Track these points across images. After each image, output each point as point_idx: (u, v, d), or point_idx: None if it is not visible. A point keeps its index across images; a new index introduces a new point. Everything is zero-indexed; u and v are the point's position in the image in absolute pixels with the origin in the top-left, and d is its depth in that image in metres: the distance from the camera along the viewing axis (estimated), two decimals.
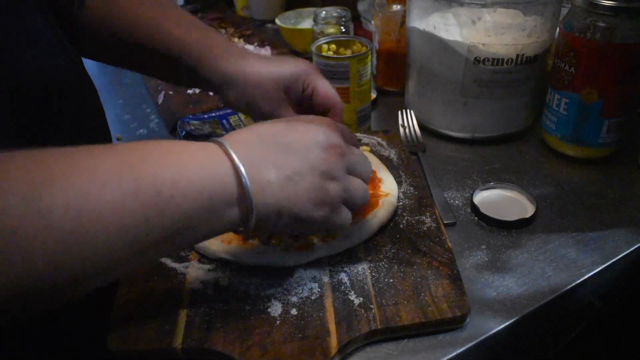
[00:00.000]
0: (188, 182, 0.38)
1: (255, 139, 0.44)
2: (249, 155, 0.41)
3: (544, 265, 0.56)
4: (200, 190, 0.38)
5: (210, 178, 0.39)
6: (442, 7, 0.72)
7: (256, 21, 1.38)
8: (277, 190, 0.42)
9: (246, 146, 0.42)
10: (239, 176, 0.40)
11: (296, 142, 0.44)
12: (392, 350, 0.47)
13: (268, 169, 0.42)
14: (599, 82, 0.65)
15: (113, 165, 0.35)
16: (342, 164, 0.46)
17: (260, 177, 0.41)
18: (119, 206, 0.34)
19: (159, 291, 0.52)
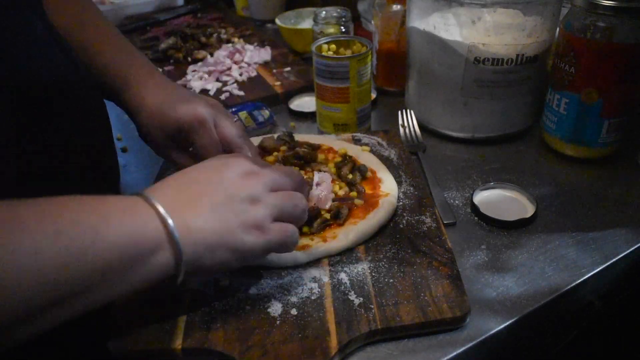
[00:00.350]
0: (108, 229, 0.38)
1: (173, 184, 0.45)
2: (170, 199, 0.42)
3: (544, 265, 0.56)
4: (122, 236, 0.38)
5: (132, 224, 0.39)
6: (442, 7, 0.72)
7: (256, 21, 1.38)
8: (202, 226, 0.42)
9: (165, 192, 0.43)
10: (162, 220, 0.40)
11: (212, 177, 0.46)
12: (392, 350, 0.47)
13: (190, 207, 0.43)
14: (599, 82, 0.65)
15: (35, 212, 0.36)
16: (261, 185, 0.47)
17: (183, 216, 0.42)
18: (37, 251, 0.34)
19: (159, 291, 0.52)
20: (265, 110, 0.87)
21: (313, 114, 0.86)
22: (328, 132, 0.81)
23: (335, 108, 0.78)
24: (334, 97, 0.76)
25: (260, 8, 1.36)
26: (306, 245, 0.55)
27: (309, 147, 0.71)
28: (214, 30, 1.26)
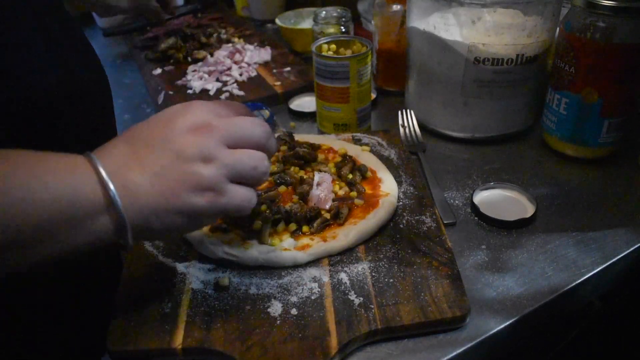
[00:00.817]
0: (44, 187, 0.36)
1: (121, 143, 0.42)
2: (115, 160, 0.40)
3: (544, 265, 0.56)
4: (57, 197, 0.37)
5: (69, 186, 0.37)
6: (442, 7, 0.72)
7: (256, 21, 1.38)
8: (148, 190, 0.40)
9: (112, 152, 0.41)
10: (103, 184, 0.38)
11: (162, 133, 0.42)
12: (392, 350, 0.47)
13: (136, 169, 0.40)
14: (599, 82, 0.65)
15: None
16: (214, 141, 0.42)
17: (127, 179, 0.39)
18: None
19: (159, 291, 0.52)
20: (265, 110, 0.87)
21: (313, 114, 0.86)
22: (328, 132, 0.81)
23: (335, 108, 0.78)
24: (334, 97, 0.76)
25: (260, 8, 1.36)
26: (306, 245, 0.56)
27: (309, 147, 0.71)
28: (214, 30, 1.26)
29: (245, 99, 0.94)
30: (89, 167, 0.39)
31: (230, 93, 0.96)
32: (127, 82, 1.11)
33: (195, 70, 1.06)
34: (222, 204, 0.42)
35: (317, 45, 0.77)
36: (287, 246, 0.56)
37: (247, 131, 0.44)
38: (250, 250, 0.55)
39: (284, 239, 0.57)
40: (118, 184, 0.38)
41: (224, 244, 0.56)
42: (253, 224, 0.58)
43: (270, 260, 0.54)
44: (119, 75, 1.14)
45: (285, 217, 0.59)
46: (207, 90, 0.97)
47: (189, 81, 1.01)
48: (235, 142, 0.43)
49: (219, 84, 0.99)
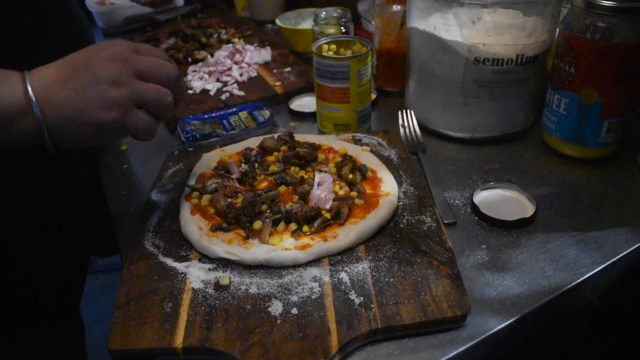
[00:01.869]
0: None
1: (52, 65, 0.50)
2: (42, 77, 0.48)
3: (544, 265, 0.56)
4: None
5: (2, 90, 0.46)
6: (442, 8, 0.72)
7: (256, 21, 1.38)
8: (64, 102, 0.48)
9: (42, 70, 0.49)
10: (25, 91, 0.46)
11: (83, 61, 0.50)
12: (393, 350, 0.47)
13: (59, 85, 0.48)
14: (599, 82, 0.65)
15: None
16: (127, 70, 0.50)
17: (48, 92, 0.47)
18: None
19: (159, 291, 0.52)
20: (265, 110, 0.87)
21: (313, 114, 0.86)
22: (328, 132, 0.81)
23: (335, 108, 0.78)
24: (334, 97, 0.77)
25: (261, 8, 1.37)
26: (307, 244, 0.56)
27: (310, 147, 0.71)
28: (214, 30, 1.27)
29: (246, 99, 0.94)
30: (20, 79, 0.47)
31: (230, 93, 0.96)
32: None
33: (196, 70, 1.06)
34: (124, 123, 0.50)
35: (317, 46, 0.77)
36: (287, 246, 0.56)
37: (158, 69, 0.53)
38: (250, 250, 0.55)
39: (284, 238, 0.57)
40: (40, 95, 0.47)
41: (225, 244, 0.56)
42: (253, 224, 0.58)
43: (270, 259, 0.54)
44: None
45: (286, 216, 0.59)
46: (207, 90, 0.97)
47: (189, 81, 1.01)
48: (146, 75, 0.52)
49: (219, 84, 0.99)
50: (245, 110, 0.87)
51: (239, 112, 0.87)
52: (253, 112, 0.87)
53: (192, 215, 0.61)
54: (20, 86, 0.47)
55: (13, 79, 0.47)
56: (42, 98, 0.47)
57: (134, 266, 0.55)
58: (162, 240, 0.59)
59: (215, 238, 0.57)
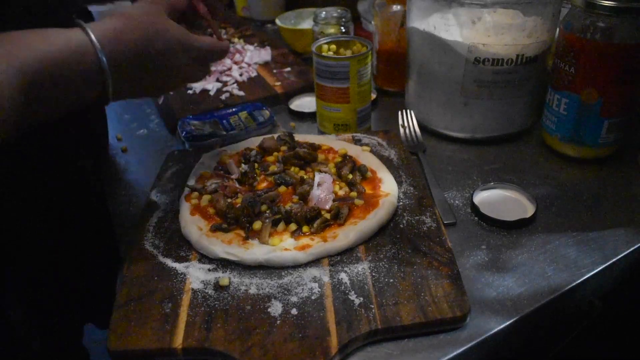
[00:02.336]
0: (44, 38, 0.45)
1: (113, 26, 0.51)
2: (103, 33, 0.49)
3: (544, 265, 0.56)
4: (56, 44, 0.46)
5: (65, 37, 0.47)
6: (442, 8, 0.72)
7: (256, 21, 1.38)
8: (129, 80, 0.52)
9: (102, 26, 0.50)
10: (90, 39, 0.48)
11: (148, 38, 0.52)
12: (393, 350, 0.47)
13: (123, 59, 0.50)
14: (599, 82, 0.65)
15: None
16: (188, 59, 0.56)
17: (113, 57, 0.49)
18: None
19: (159, 291, 0.52)
20: (265, 110, 0.87)
21: (313, 114, 0.86)
22: (328, 132, 0.81)
23: (335, 108, 0.78)
24: (334, 97, 0.76)
25: (261, 8, 1.37)
26: (306, 245, 0.56)
27: (309, 147, 0.71)
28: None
29: (246, 99, 0.94)
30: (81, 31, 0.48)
31: (230, 93, 0.96)
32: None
33: None
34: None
35: (317, 46, 0.77)
36: (287, 246, 0.56)
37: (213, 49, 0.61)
38: (250, 250, 0.55)
39: (284, 239, 0.57)
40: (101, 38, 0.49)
41: (224, 244, 0.56)
42: (253, 224, 0.58)
43: (270, 260, 0.54)
44: None
45: (286, 217, 0.59)
46: (207, 90, 0.97)
47: None
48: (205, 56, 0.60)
49: (219, 84, 0.99)
50: (245, 111, 0.87)
51: (238, 112, 0.87)
52: (253, 112, 0.87)
53: (191, 216, 0.61)
54: (83, 35, 0.48)
55: (75, 30, 0.48)
56: (100, 38, 0.48)
57: (134, 266, 0.55)
58: (162, 241, 0.59)
59: (215, 238, 0.57)
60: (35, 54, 0.44)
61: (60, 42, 0.46)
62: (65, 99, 0.47)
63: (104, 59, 0.48)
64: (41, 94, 0.44)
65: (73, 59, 0.46)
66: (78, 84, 0.48)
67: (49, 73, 0.44)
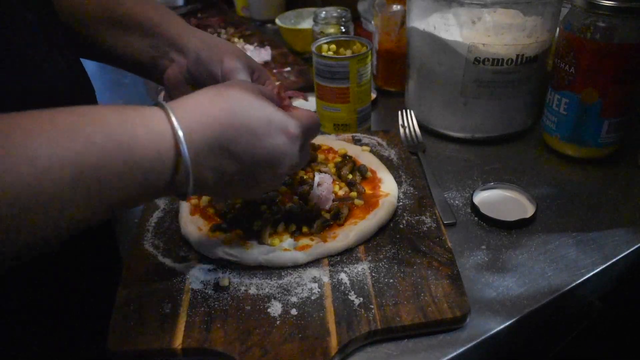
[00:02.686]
0: (131, 173, 0.38)
1: (210, 135, 0.42)
2: (196, 152, 0.41)
3: (544, 265, 0.56)
4: (141, 179, 0.39)
5: (155, 170, 0.39)
6: (442, 7, 0.72)
7: (256, 21, 1.38)
8: (211, 188, 0.44)
9: (198, 138, 0.41)
10: (178, 168, 0.40)
11: (244, 153, 0.44)
12: (392, 351, 0.47)
13: (207, 172, 0.42)
14: (599, 82, 0.65)
15: (53, 154, 0.35)
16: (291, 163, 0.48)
17: (199, 176, 0.42)
18: (58, 195, 0.34)
19: (159, 291, 0.52)
20: None
21: None
22: (328, 132, 0.81)
23: (335, 108, 0.78)
24: (334, 97, 0.76)
25: (260, 8, 1.36)
26: (306, 245, 0.55)
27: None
28: (214, 30, 1.26)
29: None
30: (173, 143, 0.40)
31: None
32: (127, 82, 1.11)
33: None
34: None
35: (317, 46, 0.77)
36: (287, 246, 0.56)
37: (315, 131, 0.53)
38: (250, 251, 0.55)
39: (284, 239, 0.57)
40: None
41: (224, 244, 0.56)
42: (253, 224, 0.58)
43: (270, 260, 0.54)
44: (118, 75, 1.13)
45: (285, 217, 0.59)
46: None
47: None
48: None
49: None
50: None
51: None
52: None
53: (191, 216, 0.61)
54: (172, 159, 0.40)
55: (155, 112, 0.41)
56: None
57: (134, 267, 0.55)
58: (162, 241, 0.59)
59: (215, 238, 0.57)
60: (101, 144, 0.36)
61: (138, 132, 0.38)
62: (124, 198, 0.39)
63: (188, 159, 0.40)
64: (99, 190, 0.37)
65: (151, 155, 0.39)
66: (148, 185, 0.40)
67: (114, 167, 0.37)
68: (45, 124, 0.35)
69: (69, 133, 0.36)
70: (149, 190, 0.40)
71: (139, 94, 1.04)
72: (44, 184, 0.33)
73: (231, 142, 0.43)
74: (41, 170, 0.33)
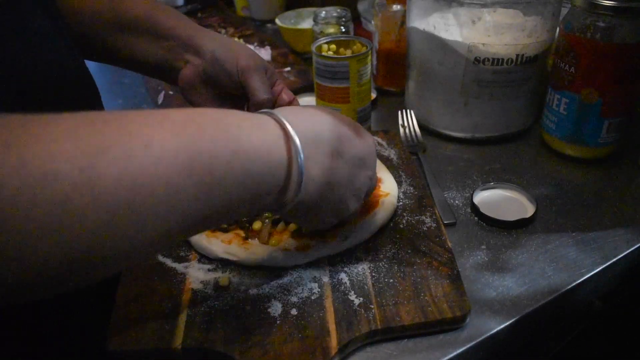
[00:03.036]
0: (242, 167, 0.37)
1: (315, 136, 0.44)
2: (305, 152, 0.42)
3: (544, 265, 0.56)
4: (251, 176, 0.38)
5: (265, 166, 0.39)
6: (442, 7, 0.72)
7: (256, 21, 1.38)
8: (317, 185, 0.45)
9: (308, 141, 0.43)
10: (290, 168, 0.41)
11: (349, 154, 0.47)
12: (392, 350, 0.47)
13: (315, 167, 0.43)
14: (599, 82, 0.65)
15: (167, 139, 0.33)
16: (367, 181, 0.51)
17: (308, 176, 0.43)
18: (173, 182, 0.33)
19: (159, 291, 0.52)
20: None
21: None
22: None
23: (335, 108, 0.78)
24: (334, 97, 0.76)
25: (260, 8, 1.36)
26: (306, 245, 0.55)
27: None
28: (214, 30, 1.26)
29: None
30: (284, 148, 0.41)
31: None
32: (127, 82, 1.11)
33: None
34: (356, 210, 0.52)
35: (317, 45, 0.77)
36: (287, 246, 0.56)
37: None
38: (250, 250, 0.55)
39: (284, 239, 0.57)
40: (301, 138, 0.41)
41: (224, 244, 0.56)
42: (253, 224, 0.58)
43: (270, 260, 0.54)
44: (118, 75, 1.14)
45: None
46: None
47: None
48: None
49: None
50: None
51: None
52: None
53: None
54: (285, 160, 0.41)
55: (266, 121, 0.42)
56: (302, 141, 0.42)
57: (134, 266, 0.55)
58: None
59: (215, 238, 0.57)
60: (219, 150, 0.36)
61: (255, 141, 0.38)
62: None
63: (301, 152, 0.41)
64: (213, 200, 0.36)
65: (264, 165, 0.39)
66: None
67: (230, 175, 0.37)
68: (157, 116, 0.35)
69: (182, 124, 0.35)
70: (255, 193, 0.39)
71: (139, 94, 1.04)
72: (160, 169, 0.32)
73: (339, 144, 0.45)
74: (157, 156, 0.32)
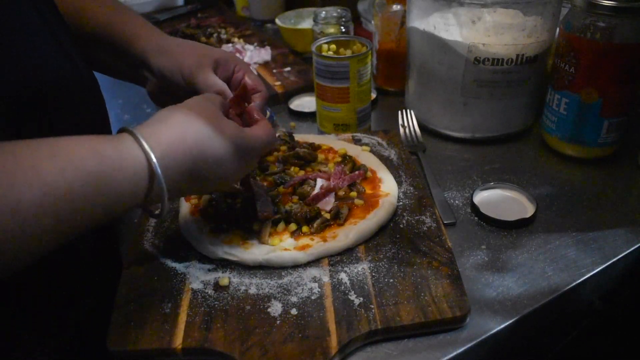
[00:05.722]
0: (105, 189, 0.40)
1: (174, 151, 0.44)
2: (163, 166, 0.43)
3: (544, 265, 0.56)
4: (115, 194, 0.41)
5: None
6: (442, 7, 0.72)
7: (256, 21, 1.38)
8: (186, 190, 0.50)
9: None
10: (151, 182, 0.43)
11: (212, 157, 0.47)
12: (392, 350, 0.47)
13: (176, 176, 0.44)
14: (599, 82, 0.65)
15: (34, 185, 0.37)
16: (249, 165, 0.52)
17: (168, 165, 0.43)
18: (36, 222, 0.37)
19: (159, 291, 0.52)
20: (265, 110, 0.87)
21: (313, 114, 0.86)
22: (328, 132, 0.80)
23: (335, 108, 0.78)
24: (334, 97, 0.76)
25: (260, 8, 1.36)
26: (306, 245, 0.56)
27: (309, 147, 0.71)
28: (214, 30, 1.26)
29: None
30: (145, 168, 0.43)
31: None
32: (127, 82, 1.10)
33: None
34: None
35: (317, 45, 0.77)
36: (287, 246, 0.56)
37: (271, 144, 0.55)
38: (250, 251, 0.55)
39: (284, 239, 0.57)
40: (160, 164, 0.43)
41: (224, 244, 0.56)
42: (253, 224, 0.58)
43: (270, 260, 0.54)
44: None
45: (285, 217, 0.59)
46: None
47: None
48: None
49: None
50: None
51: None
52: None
53: (191, 216, 0.61)
54: (142, 156, 0.42)
55: (123, 136, 0.43)
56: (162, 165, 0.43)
57: (134, 267, 0.55)
58: (162, 241, 0.59)
59: (215, 238, 0.57)
60: (77, 173, 0.38)
61: (111, 158, 0.40)
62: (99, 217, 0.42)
63: (163, 183, 0.43)
64: (75, 215, 0.39)
65: (124, 178, 0.41)
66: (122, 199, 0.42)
67: (89, 193, 0.39)
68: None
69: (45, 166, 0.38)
70: (120, 204, 0.42)
71: (139, 94, 1.04)
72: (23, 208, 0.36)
73: (201, 170, 0.46)
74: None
